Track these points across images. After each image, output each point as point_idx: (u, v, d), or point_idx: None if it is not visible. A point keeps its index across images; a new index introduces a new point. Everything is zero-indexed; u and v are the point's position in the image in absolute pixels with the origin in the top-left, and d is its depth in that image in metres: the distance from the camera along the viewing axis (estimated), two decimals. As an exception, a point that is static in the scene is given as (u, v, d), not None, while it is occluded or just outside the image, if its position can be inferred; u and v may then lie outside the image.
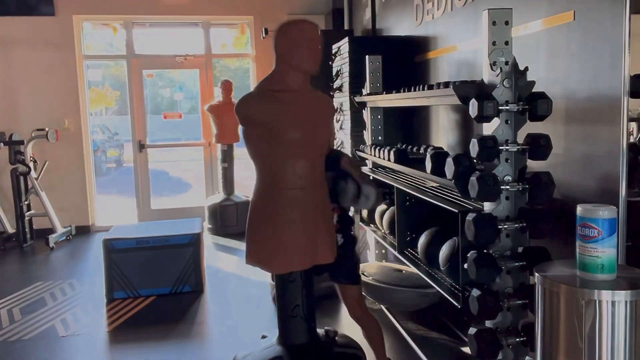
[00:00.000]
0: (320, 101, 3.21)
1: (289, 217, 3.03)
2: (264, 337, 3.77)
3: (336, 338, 3.58)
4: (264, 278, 5.48)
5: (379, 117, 4.54)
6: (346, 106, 5.03)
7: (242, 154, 8.72)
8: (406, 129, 4.83)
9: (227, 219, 7.64)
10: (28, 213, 7.36)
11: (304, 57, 2.95)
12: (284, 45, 2.96)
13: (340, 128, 5.31)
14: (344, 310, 4.83)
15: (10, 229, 7.34)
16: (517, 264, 2.42)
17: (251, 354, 3.49)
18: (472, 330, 2.47)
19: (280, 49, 2.98)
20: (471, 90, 2.49)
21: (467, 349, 2.70)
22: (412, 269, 3.57)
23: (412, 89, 3.44)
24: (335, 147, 3.07)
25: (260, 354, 3.46)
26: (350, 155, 3.16)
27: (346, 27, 6.88)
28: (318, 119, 3.08)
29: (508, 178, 2.39)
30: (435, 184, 3.29)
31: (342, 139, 5.19)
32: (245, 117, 2.97)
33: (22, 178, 7.27)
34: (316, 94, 3.22)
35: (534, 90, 2.36)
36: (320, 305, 4.10)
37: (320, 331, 3.56)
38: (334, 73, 5.37)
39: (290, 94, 2.97)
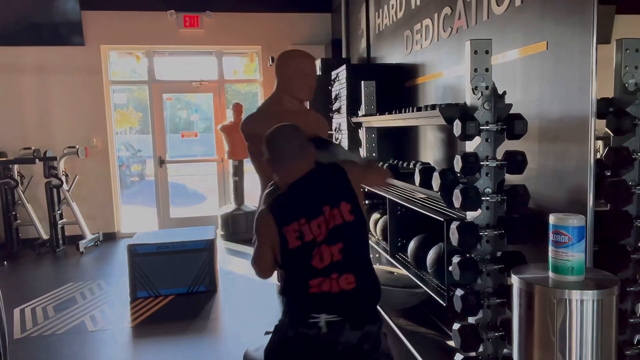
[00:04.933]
0: (314, 120, 3.20)
1: None
2: (267, 333, 3.75)
3: None
4: (270, 279, 5.47)
5: (373, 136, 4.55)
6: (344, 126, 5.04)
7: (251, 169, 8.73)
8: (397, 146, 4.84)
9: (237, 227, 7.64)
10: (60, 221, 7.36)
11: (299, 89, 3.00)
12: (282, 75, 3.01)
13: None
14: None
15: (45, 236, 7.34)
16: (496, 266, 2.42)
17: (262, 347, 3.47)
18: (456, 326, 2.47)
19: (279, 78, 3.03)
20: (455, 112, 2.50)
21: (451, 343, 2.69)
22: (403, 271, 3.56)
23: (403, 111, 3.45)
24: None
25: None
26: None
27: (344, 55, 6.91)
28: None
29: (488, 190, 2.39)
30: (423, 196, 3.29)
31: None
32: (248, 134, 2.99)
33: (55, 190, 7.27)
34: (311, 114, 3.23)
35: (511, 112, 2.36)
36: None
37: None
38: (333, 97, 5.38)
39: (287, 114, 2.99)
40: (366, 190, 4.36)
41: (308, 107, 3.34)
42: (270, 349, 2.27)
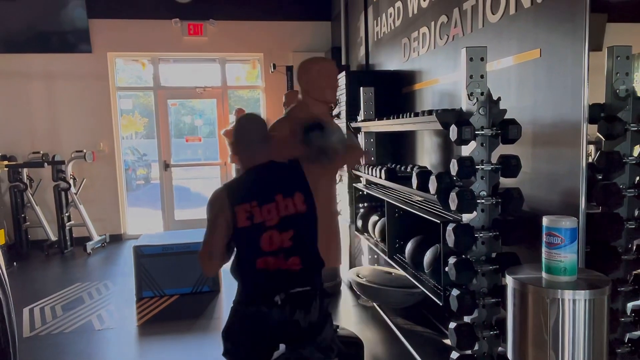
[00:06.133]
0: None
1: None
2: None
3: (337, 330, 3.57)
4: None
5: (372, 140, 4.56)
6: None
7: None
8: (395, 150, 4.85)
9: (240, 228, 7.62)
10: (68, 223, 7.36)
11: (324, 91, 2.99)
12: (306, 81, 3.01)
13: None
14: (343, 307, 4.83)
15: (53, 237, 7.34)
16: (491, 267, 2.42)
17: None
18: (452, 325, 2.47)
19: (304, 84, 3.02)
20: (451, 117, 2.50)
21: (447, 341, 2.69)
22: (401, 272, 3.56)
23: (400, 116, 3.46)
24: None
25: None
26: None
27: (343, 62, 6.91)
28: None
29: (483, 193, 2.40)
30: (420, 198, 3.29)
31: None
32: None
33: (63, 193, 7.28)
34: (334, 123, 3.26)
35: (505, 117, 2.37)
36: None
37: None
38: (333, 102, 5.39)
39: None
40: (365, 193, 4.36)
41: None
42: (228, 328, 2.37)
